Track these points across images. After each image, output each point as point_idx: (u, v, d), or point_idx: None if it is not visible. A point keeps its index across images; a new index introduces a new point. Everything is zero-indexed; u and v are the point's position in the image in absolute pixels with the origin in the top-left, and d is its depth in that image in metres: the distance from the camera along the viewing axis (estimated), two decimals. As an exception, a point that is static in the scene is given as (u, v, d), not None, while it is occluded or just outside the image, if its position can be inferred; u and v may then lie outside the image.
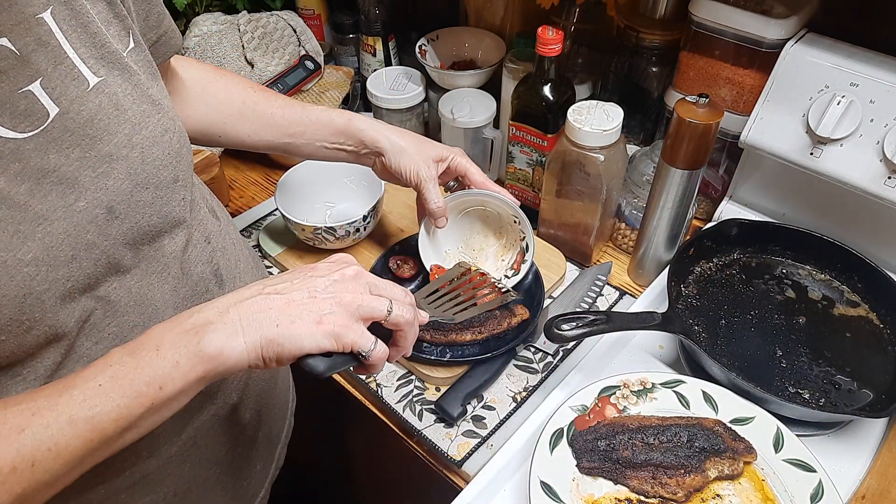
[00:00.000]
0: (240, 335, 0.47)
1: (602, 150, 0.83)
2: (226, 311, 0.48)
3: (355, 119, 0.78)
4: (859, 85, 0.77)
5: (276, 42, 1.16)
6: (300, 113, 0.77)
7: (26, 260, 0.43)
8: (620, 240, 0.98)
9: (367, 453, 1.03)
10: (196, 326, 0.47)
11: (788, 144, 0.82)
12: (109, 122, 0.49)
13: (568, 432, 0.68)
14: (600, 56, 1.05)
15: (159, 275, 0.55)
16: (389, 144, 0.77)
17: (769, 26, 0.81)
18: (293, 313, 0.48)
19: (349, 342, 0.49)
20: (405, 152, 0.77)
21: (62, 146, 0.46)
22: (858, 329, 0.80)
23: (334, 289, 0.51)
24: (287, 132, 0.77)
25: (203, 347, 0.46)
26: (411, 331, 0.55)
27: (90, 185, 0.47)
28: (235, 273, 0.68)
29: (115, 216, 0.49)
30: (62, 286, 0.46)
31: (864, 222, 0.84)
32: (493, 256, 0.90)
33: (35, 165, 0.44)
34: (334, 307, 0.49)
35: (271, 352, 0.47)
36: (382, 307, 0.51)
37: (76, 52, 0.47)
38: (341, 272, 0.52)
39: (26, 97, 0.44)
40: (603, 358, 0.79)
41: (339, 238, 0.90)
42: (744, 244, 0.88)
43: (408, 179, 0.78)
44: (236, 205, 1.09)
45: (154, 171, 0.52)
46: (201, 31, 1.12)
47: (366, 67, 1.23)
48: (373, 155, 0.79)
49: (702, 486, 0.65)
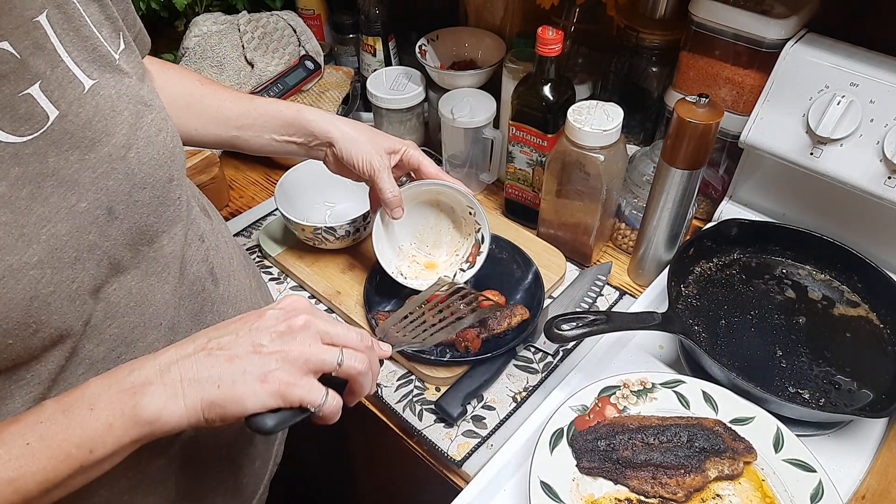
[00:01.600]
0: (179, 397, 0.44)
1: (602, 150, 0.83)
2: (167, 369, 0.46)
3: (304, 111, 0.76)
4: (859, 85, 0.77)
5: (276, 42, 1.16)
6: (248, 105, 0.76)
7: (32, 263, 0.43)
8: (620, 240, 0.98)
9: (367, 453, 1.03)
10: (134, 386, 0.45)
11: (788, 144, 0.82)
12: (107, 124, 0.49)
13: (568, 432, 0.68)
14: (600, 56, 1.05)
15: (159, 275, 0.55)
16: (340, 134, 0.75)
17: (769, 26, 0.81)
18: (235, 372, 0.46)
19: (296, 398, 0.47)
20: (357, 142, 0.75)
21: (62, 149, 0.46)
22: (858, 329, 0.80)
23: (281, 342, 0.48)
24: (235, 125, 0.76)
25: (139, 411, 0.44)
26: (366, 379, 0.52)
27: (90, 187, 0.47)
28: (229, 271, 0.67)
29: (115, 217, 0.49)
30: (67, 288, 0.46)
31: (864, 222, 0.84)
32: (447, 250, 0.89)
33: (35, 169, 0.44)
34: (280, 363, 0.47)
35: (213, 414, 0.45)
36: (333, 359, 0.49)
37: (70, 56, 0.47)
38: (288, 322, 0.49)
39: (26, 100, 0.44)
40: (603, 358, 0.79)
41: (339, 238, 0.90)
42: (744, 244, 0.88)
43: (361, 169, 0.76)
44: (236, 205, 1.09)
45: (150, 171, 0.52)
46: (201, 31, 1.12)
47: (366, 67, 1.23)
48: (324, 146, 0.77)
49: (702, 486, 0.65)
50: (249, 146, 0.78)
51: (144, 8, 1.15)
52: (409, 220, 0.84)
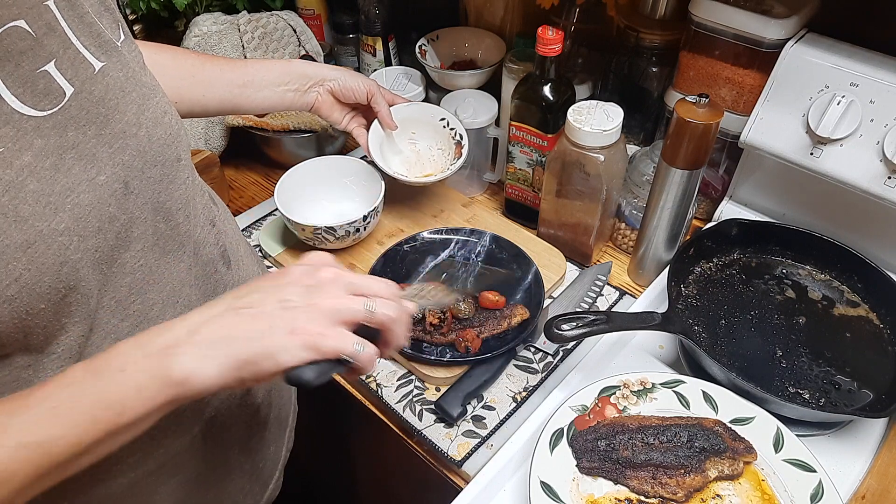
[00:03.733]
0: (210, 358, 0.44)
1: (602, 150, 0.83)
2: (196, 330, 0.45)
3: (294, 61, 0.87)
4: (859, 85, 0.77)
5: (276, 42, 1.16)
6: (244, 66, 0.84)
7: (60, 230, 0.44)
8: (620, 240, 0.98)
9: (368, 453, 1.03)
10: (165, 348, 0.44)
11: (788, 144, 0.82)
12: (118, 103, 0.50)
13: (568, 432, 0.68)
14: (600, 56, 1.05)
15: (174, 253, 0.56)
16: (332, 71, 0.87)
17: (769, 26, 0.81)
18: (264, 328, 0.46)
19: (330, 349, 0.46)
20: (347, 72, 0.87)
21: (79, 123, 0.47)
22: (858, 329, 0.80)
23: (309, 296, 0.48)
24: (237, 84, 0.83)
25: (170, 372, 0.43)
26: (398, 327, 0.52)
27: (108, 161, 0.49)
28: (239, 256, 0.69)
29: (131, 191, 0.51)
30: (92, 255, 0.47)
31: (864, 222, 0.84)
32: (434, 155, 0.98)
33: (56, 142, 0.45)
34: (310, 315, 0.47)
35: (247, 372, 0.45)
36: (363, 307, 0.49)
37: (78, 40, 0.49)
38: (316, 276, 0.50)
39: (44, 77, 0.45)
40: (603, 358, 0.79)
41: (339, 238, 0.90)
42: (744, 244, 0.88)
43: (361, 91, 0.87)
44: (236, 205, 1.09)
45: (160, 150, 0.54)
46: (201, 31, 1.12)
47: (366, 67, 1.23)
48: (317, 87, 0.86)
49: (702, 486, 0.65)
50: (250, 102, 0.84)
51: (144, 8, 1.15)
52: (391, 153, 0.96)
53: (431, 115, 0.96)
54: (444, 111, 0.95)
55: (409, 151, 0.98)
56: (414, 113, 0.95)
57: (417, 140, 0.98)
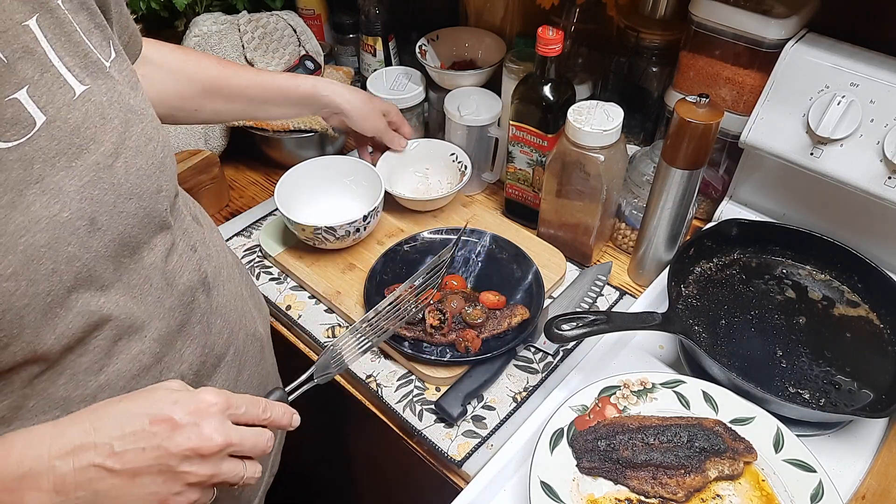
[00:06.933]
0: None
1: (602, 150, 0.83)
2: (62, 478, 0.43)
3: (318, 86, 0.88)
4: (859, 85, 0.77)
5: (277, 42, 1.16)
6: (269, 83, 0.86)
7: (6, 275, 0.42)
8: (620, 240, 0.98)
9: (367, 453, 1.03)
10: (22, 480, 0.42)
11: (788, 144, 0.82)
12: (96, 131, 0.48)
13: (568, 432, 0.68)
14: (600, 56, 1.05)
15: (140, 287, 0.54)
16: (349, 106, 0.89)
17: (769, 26, 0.81)
18: (137, 493, 0.44)
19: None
20: (361, 112, 0.91)
21: (48, 155, 0.45)
22: (858, 329, 0.80)
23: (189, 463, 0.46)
24: (258, 101, 0.86)
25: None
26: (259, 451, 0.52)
27: (75, 196, 0.46)
28: (221, 279, 0.67)
29: (98, 228, 0.48)
30: (42, 301, 0.45)
31: (864, 222, 0.84)
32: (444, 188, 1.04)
33: (18, 176, 0.43)
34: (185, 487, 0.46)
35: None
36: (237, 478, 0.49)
37: (61, 61, 0.47)
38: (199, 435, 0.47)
39: (13, 105, 0.43)
40: (603, 358, 0.79)
41: (339, 238, 0.90)
42: (744, 244, 0.88)
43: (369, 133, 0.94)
44: (236, 205, 1.09)
45: (138, 182, 0.51)
46: (201, 31, 1.12)
47: (366, 67, 1.23)
48: (332, 113, 0.91)
49: (702, 486, 0.65)
50: (266, 117, 0.90)
51: (144, 8, 1.15)
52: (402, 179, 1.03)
53: (444, 151, 1.03)
54: (455, 147, 1.02)
55: (420, 183, 1.05)
56: (429, 149, 1.03)
57: (430, 175, 1.05)
